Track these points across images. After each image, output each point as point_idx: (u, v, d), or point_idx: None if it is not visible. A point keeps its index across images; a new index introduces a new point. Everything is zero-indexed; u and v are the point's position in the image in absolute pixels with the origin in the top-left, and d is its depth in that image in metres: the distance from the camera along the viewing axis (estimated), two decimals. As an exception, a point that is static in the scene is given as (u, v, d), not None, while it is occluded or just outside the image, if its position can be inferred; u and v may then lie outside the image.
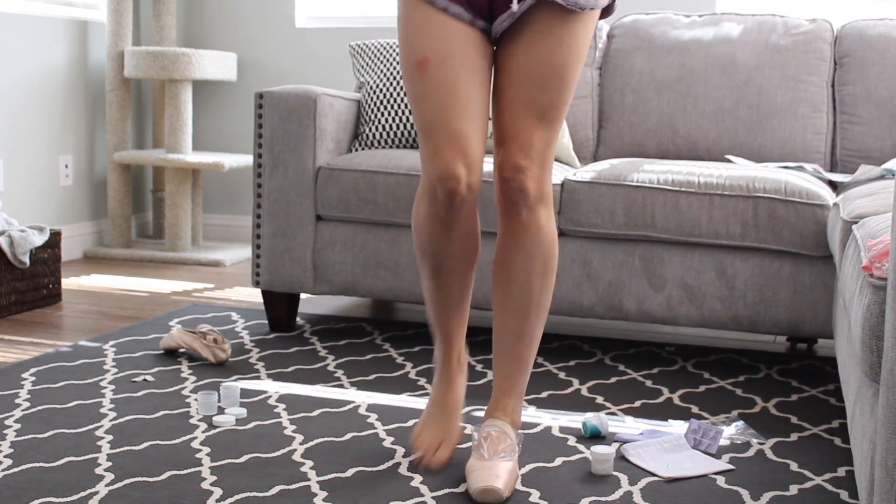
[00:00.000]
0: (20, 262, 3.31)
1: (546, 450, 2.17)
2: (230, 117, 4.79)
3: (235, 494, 1.90)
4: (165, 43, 4.59)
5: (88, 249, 4.43)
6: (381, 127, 3.28)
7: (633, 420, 2.39)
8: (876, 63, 3.21)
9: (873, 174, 2.83)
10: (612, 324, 3.41)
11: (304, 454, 2.11)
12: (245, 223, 4.83)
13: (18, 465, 2.02)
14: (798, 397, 2.60)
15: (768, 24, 3.33)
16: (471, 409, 2.44)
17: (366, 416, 2.36)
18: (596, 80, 3.43)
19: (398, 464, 2.07)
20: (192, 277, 4.04)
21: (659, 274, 2.81)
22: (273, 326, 3.14)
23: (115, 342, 2.96)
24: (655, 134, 3.31)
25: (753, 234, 2.72)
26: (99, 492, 1.89)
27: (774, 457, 2.17)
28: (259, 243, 3.09)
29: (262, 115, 3.05)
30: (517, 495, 1.93)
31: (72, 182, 4.38)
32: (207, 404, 2.35)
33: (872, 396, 1.54)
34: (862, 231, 1.89)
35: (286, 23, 4.67)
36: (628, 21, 3.47)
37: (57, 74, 4.25)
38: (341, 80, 4.61)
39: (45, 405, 2.38)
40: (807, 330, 2.75)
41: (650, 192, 2.78)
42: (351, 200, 2.99)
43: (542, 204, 1.95)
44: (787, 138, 3.22)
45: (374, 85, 3.33)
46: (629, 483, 2.00)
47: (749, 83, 3.25)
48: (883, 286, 1.46)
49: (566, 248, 2.87)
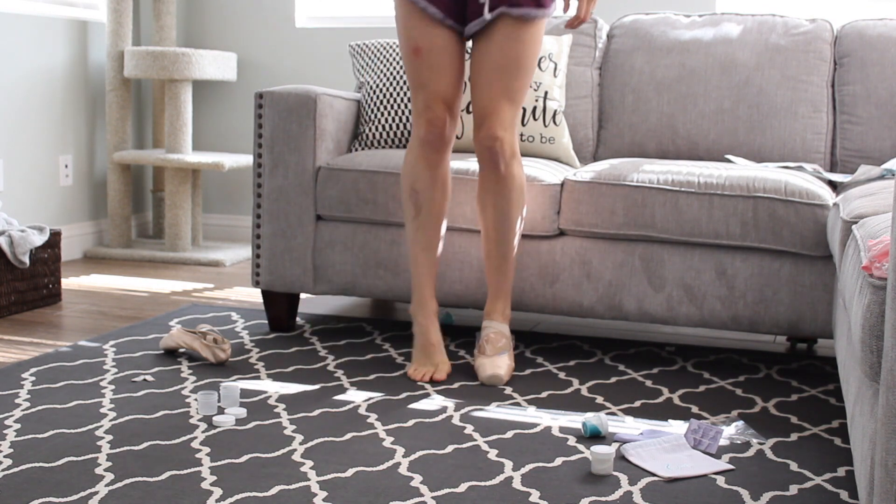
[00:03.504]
0: (20, 262, 3.31)
1: (546, 450, 2.17)
2: (230, 117, 4.79)
3: (235, 494, 1.90)
4: (165, 43, 4.59)
5: (88, 249, 4.43)
6: (381, 127, 3.28)
7: (633, 420, 2.39)
8: (876, 63, 3.21)
9: (873, 174, 2.83)
10: (612, 324, 3.41)
11: (304, 454, 2.11)
12: (245, 223, 4.83)
13: (18, 465, 2.02)
14: (798, 397, 2.60)
15: (768, 24, 3.33)
16: (471, 408, 2.44)
17: (366, 416, 2.36)
18: (596, 80, 3.43)
19: (398, 464, 2.07)
20: (192, 277, 4.04)
21: (659, 274, 2.81)
22: (273, 326, 3.14)
23: (115, 342, 2.96)
24: (655, 134, 3.31)
25: (753, 234, 2.72)
26: (99, 492, 1.89)
27: (774, 457, 2.17)
28: (259, 243, 3.09)
29: (262, 115, 3.06)
30: (517, 495, 1.93)
31: (72, 182, 4.38)
32: (207, 404, 2.35)
33: (872, 396, 1.54)
34: (862, 231, 1.89)
35: (286, 23, 4.67)
36: (628, 21, 3.47)
37: (57, 74, 4.25)
38: (341, 80, 4.61)
39: (45, 405, 2.38)
40: (807, 330, 2.75)
41: (650, 192, 2.78)
42: (351, 200, 2.99)
43: (514, 160, 2.63)
44: (787, 138, 3.22)
45: (374, 85, 3.33)
46: (629, 483, 2.00)
47: (749, 83, 3.25)
48: (883, 286, 1.46)
49: (566, 248, 2.87)
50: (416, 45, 2.58)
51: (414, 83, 2.62)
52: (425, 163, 2.64)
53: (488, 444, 2.20)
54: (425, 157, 2.64)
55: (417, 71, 2.60)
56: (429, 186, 2.66)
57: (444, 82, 2.60)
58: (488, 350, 2.67)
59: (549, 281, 2.88)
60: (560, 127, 3.21)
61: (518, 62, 2.57)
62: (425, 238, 2.69)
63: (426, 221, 2.68)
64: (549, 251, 2.88)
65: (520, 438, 2.24)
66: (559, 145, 3.20)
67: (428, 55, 2.58)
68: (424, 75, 2.59)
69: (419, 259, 2.71)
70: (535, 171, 2.89)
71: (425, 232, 2.69)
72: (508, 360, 2.69)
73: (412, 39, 2.59)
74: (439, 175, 2.67)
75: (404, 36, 2.61)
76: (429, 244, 2.70)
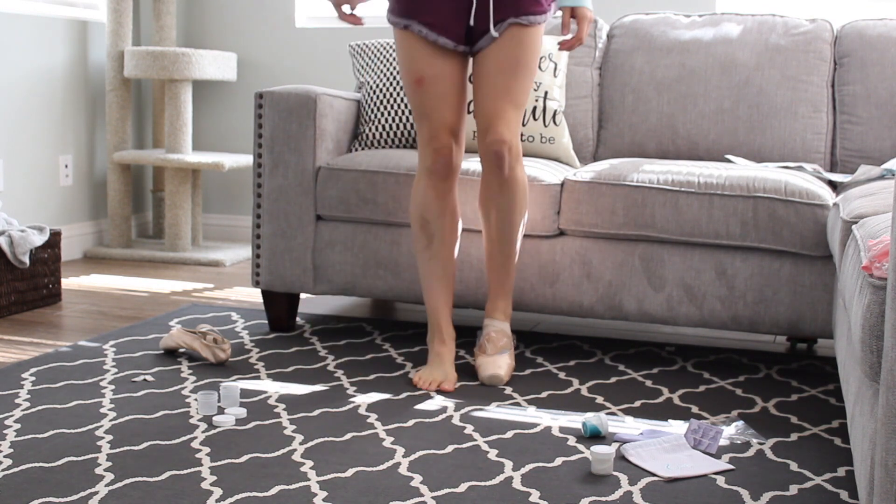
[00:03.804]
0: (20, 262, 3.31)
1: (546, 450, 2.17)
2: (230, 117, 4.79)
3: (235, 494, 1.90)
4: (165, 43, 4.59)
5: (88, 249, 4.43)
6: (381, 127, 3.28)
7: (633, 420, 2.39)
8: (876, 63, 3.21)
9: (873, 174, 2.83)
10: (612, 324, 3.41)
11: (304, 454, 2.11)
12: (245, 223, 4.83)
13: (18, 465, 2.02)
14: (798, 397, 2.60)
15: (768, 24, 3.33)
16: (471, 408, 2.44)
17: (366, 416, 2.36)
18: (596, 80, 3.43)
19: (398, 464, 2.07)
20: (192, 277, 4.04)
21: (659, 274, 2.81)
22: (273, 326, 3.14)
23: (115, 342, 2.96)
24: (655, 134, 3.31)
25: (753, 234, 2.72)
26: (99, 492, 1.89)
27: (774, 457, 2.17)
28: (259, 243, 3.09)
29: (262, 115, 3.06)
30: (517, 495, 1.93)
31: (72, 182, 4.38)
32: (207, 404, 2.35)
33: (872, 396, 1.54)
34: (862, 231, 1.89)
35: (286, 23, 4.67)
36: (628, 21, 3.47)
37: (57, 74, 4.25)
38: (341, 80, 4.61)
39: (45, 405, 2.38)
40: (807, 330, 2.75)
41: (650, 192, 2.78)
42: (351, 200, 2.99)
43: (518, 162, 2.62)
44: (787, 138, 3.22)
45: (374, 85, 3.33)
46: (629, 483, 2.00)
47: (749, 83, 3.25)
48: (883, 286, 1.46)
49: (566, 248, 2.87)
50: (419, 76, 2.57)
51: (418, 113, 2.61)
52: (434, 192, 2.62)
53: (488, 444, 2.20)
54: (434, 187, 2.62)
55: (421, 101, 2.59)
56: (439, 216, 2.64)
57: (448, 111, 2.59)
58: (489, 349, 2.67)
59: (549, 281, 2.89)
60: (560, 127, 3.21)
61: (520, 65, 2.58)
62: (440, 267, 2.67)
63: (439, 251, 2.66)
64: (549, 251, 2.88)
65: (520, 438, 2.24)
66: (559, 145, 3.20)
67: (432, 85, 2.57)
68: (428, 105, 2.58)
69: (435, 289, 2.68)
70: (535, 171, 2.89)
71: (439, 261, 2.67)
72: (509, 360, 2.69)
73: (416, 70, 2.57)
74: (448, 204, 2.65)
75: (407, 67, 2.59)
76: (444, 273, 2.67)
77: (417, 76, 2.57)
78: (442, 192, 2.62)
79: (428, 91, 2.57)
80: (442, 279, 2.67)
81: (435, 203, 2.63)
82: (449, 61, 2.59)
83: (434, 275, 2.67)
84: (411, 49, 2.57)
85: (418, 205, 2.65)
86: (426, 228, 2.64)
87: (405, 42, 2.59)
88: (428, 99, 2.58)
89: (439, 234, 2.65)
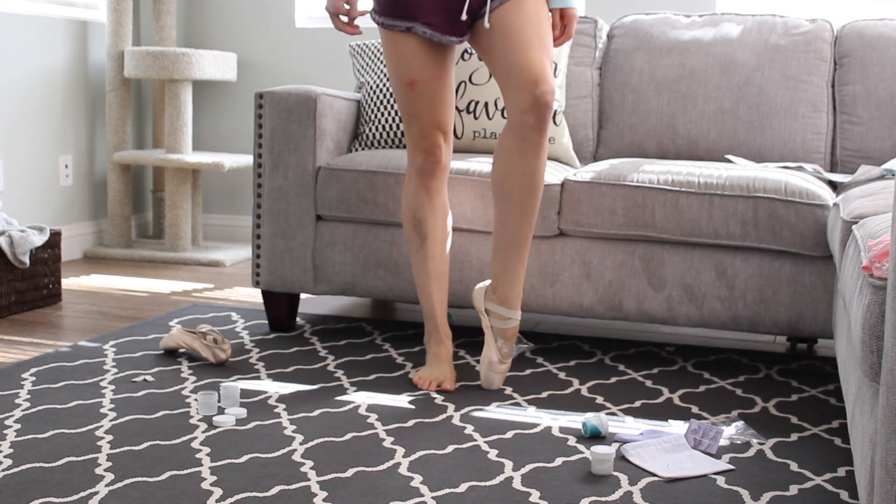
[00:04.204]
0: (20, 262, 3.31)
1: (546, 450, 2.17)
2: (230, 117, 4.79)
3: (235, 494, 1.90)
4: (165, 43, 4.59)
5: (88, 249, 4.43)
6: (381, 127, 3.28)
7: (633, 420, 2.39)
8: (876, 63, 3.21)
9: (873, 174, 2.83)
10: (612, 324, 3.41)
11: (304, 454, 2.11)
12: (245, 223, 4.83)
13: (18, 465, 2.02)
14: (798, 397, 2.60)
15: (768, 24, 3.33)
16: (471, 408, 2.44)
17: (366, 416, 2.36)
18: (596, 80, 3.43)
19: (398, 464, 2.07)
20: (192, 277, 4.04)
21: (659, 274, 2.81)
22: (273, 326, 3.14)
23: (115, 342, 2.96)
24: (655, 134, 3.31)
25: (753, 234, 2.72)
26: (99, 492, 1.89)
27: (774, 457, 2.17)
28: (259, 243, 3.09)
29: (262, 115, 3.06)
30: (517, 495, 1.93)
31: (72, 182, 4.38)
32: (207, 404, 2.35)
33: (872, 396, 1.54)
34: (862, 231, 1.89)
35: (286, 23, 4.67)
36: (628, 21, 3.47)
37: (57, 74, 4.25)
38: (341, 80, 4.61)
39: (45, 405, 2.38)
40: (807, 330, 2.75)
41: (650, 192, 2.78)
42: (351, 200, 2.99)
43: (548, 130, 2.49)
44: (787, 138, 3.22)
45: (374, 85, 3.33)
46: (629, 483, 2.00)
47: (749, 83, 3.25)
48: (883, 286, 1.46)
49: (566, 248, 2.87)
50: (412, 80, 2.55)
51: (407, 114, 2.60)
52: (425, 191, 2.63)
53: (488, 444, 2.20)
54: (425, 186, 2.63)
55: (412, 103, 2.58)
56: (431, 214, 2.64)
57: (439, 111, 2.59)
58: (505, 349, 2.59)
59: (549, 281, 2.88)
60: (560, 127, 3.21)
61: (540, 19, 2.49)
62: (433, 266, 2.67)
63: (432, 249, 2.66)
64: (549, 251, 2.88)
65: (520, 438, 2.24)
66: (559, 145, 3.20)
67: (425, 88, 2.56)
68: (419, 107, 2.57)
69: (429, 287, 2.67)
70: (535, 171, 2.89)
71: (433, 259, 2.67)
72: (506, 369, 2.63)
73: (410, 74, 2.55)
74: (439, 202, 2.66)
75: (401, 70, 2.56)
76: (437, 271, 2.67)
77: (410, 79, 2.55)
78: (432, 189, 2.64)
79: (420, 94, 2.56)
80: (437, 278, 2.68)
81: (426, 202, 2.64)
82: (441, 61, 2.57)
83: (430, 274, 2.67)
84: (406, 52, 2.54)
85: (410, 205, 2.66)
86: (419, 228, 2.65)
87: (400, 45, 2.55)
88: (419, 101, 2.57)
89: (432, 233, 2.65)
